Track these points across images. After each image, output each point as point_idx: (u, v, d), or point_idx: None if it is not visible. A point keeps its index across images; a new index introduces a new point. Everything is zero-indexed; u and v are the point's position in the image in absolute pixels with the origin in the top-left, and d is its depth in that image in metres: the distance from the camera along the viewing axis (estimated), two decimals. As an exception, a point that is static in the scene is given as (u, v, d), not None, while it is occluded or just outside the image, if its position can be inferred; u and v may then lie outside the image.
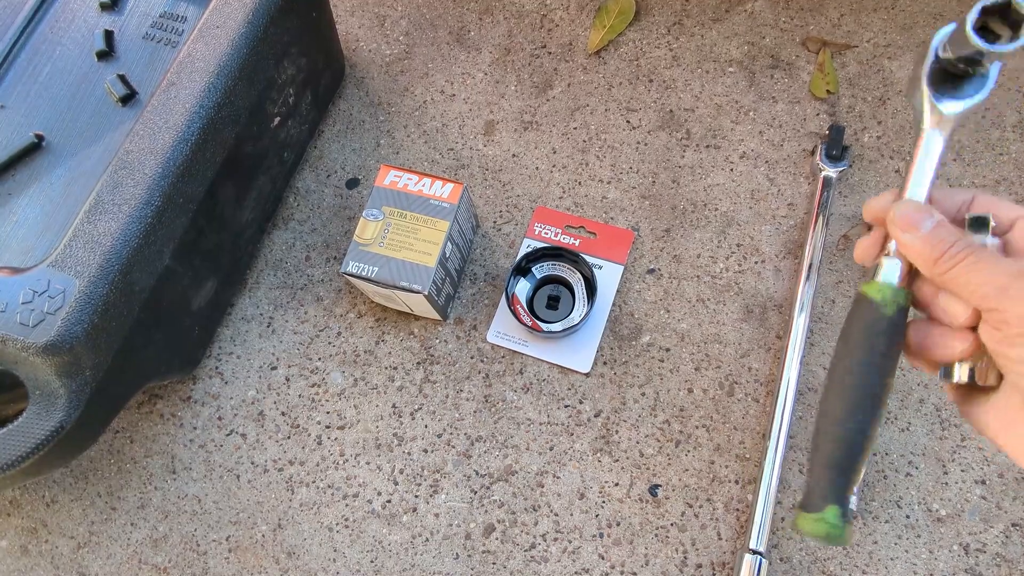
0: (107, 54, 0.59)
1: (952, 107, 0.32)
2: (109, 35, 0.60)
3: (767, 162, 0.66)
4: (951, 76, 0.32)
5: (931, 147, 0.33)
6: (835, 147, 0.63)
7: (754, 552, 0.52)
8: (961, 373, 0.32)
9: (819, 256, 0.61)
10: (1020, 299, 0.28)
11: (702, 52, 0.71)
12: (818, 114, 0.67)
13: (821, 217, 0.62)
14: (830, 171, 0.63)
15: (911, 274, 0.33)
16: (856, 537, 0.54)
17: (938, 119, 0.32)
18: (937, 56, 0.32)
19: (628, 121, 0.69)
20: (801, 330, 0.58)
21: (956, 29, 0.30)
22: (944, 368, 0.33)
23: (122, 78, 0.58)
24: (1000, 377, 0.31)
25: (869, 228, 0.63)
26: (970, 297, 0.30)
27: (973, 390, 0.32)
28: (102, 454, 0.62)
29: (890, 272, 0.33)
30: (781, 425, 0.55)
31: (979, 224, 0.32)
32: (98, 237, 0.47)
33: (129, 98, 0.57)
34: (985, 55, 0.29)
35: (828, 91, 0.68)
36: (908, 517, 0.54)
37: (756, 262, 0.63)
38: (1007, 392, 0.30)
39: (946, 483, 0.55)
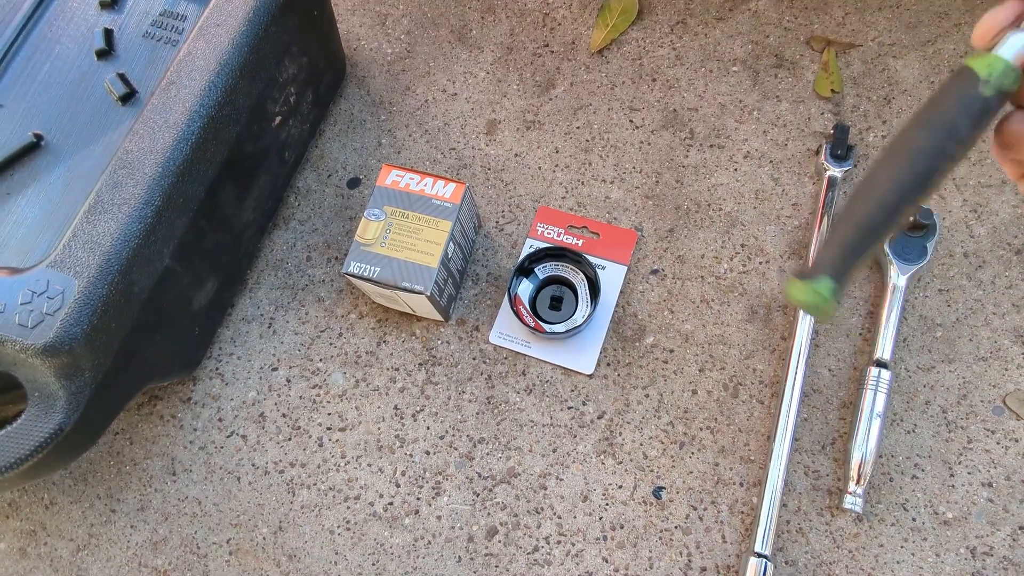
0: (107, 53, 0.59)
1: None
2: (109, 33, 0.59)
3: (771, 162, 0.66)
4: None
5: None
6: (840, 147, 0.63)
7: (759, 555, 0.52)
8: None
9: None
10: None
11: (706, 51, 0.71)
12: (823, 113, 0.67)
13: (826, 217, 0.61)
14: (835, 171, 0.63)
15: None
16: (861, 540, 0.54)
17: None
18: None
19: (631, 120, 0.69)
20: (806, 331, 0.58)
21: None
22: None
23: (122, 77, 0.57)
24: None
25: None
26: None
27: None
28: (102, 456, 0.62)
29: (1012, 47, 0.28)
30: (786, 427, 0.55)
31: None
32: (97, 237, 0.47)
33: (129, 97, 0.57)
34: None
35: (833, 90, 0.67)
36: (914, 520, 0.54)
37: (761, 262, 0.62)
38: None
39: (952, 486, 0.54)
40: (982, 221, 0.62)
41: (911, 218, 0.58)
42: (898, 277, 0.58)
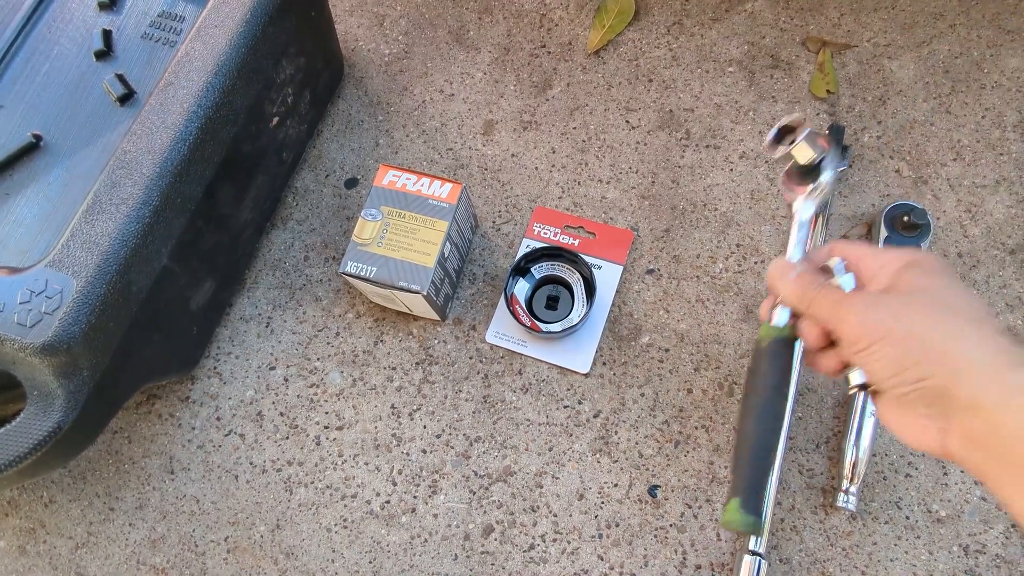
0: (105, 53, 0.59)
1: (799, 195, 0.44)
2: (107, 34, 0.60)
3: (767, 162, 0.66)
4: (803, 173, 0.44)
5: (799, 219, 0.44)
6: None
7: (753, 553, 0.52)
8: (853, 379, 0.38)
9: None
10: (845, 319, 0.36)
11: (702, 52, 0.71)
12: (818, 114, 0.67)
13: (820, 217, 0.62)
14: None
15: (795, 316, 0.41)
16: (855, 538, 0.54)
17: (794, 202, 0.44)
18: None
19: (627, 121, 0.69)
20: None
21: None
22: (846, 379, 0.39)
23: (120, 78, 0.58)
24: None
25: (869, 229, 0.63)
26: (822, 322, 0.38)
27: (873, 392, 0.38)
28: (100, 454, 0.62)
29: (779, 318, 0.41)
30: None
31: (834, 269, 0.40)
32: (96, 237, 0.47)
33: (127, 98, 0.57)
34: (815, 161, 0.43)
35: (828, 91, 0.68)
36: (908, 518, 0.54)
37: (756, 262, 0.63)
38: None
39: (946, 484, 0.55)
40: (976, 221, 0.62)
41: (905, 218, 0.58)
42: None
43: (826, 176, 0.43)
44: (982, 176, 0.63)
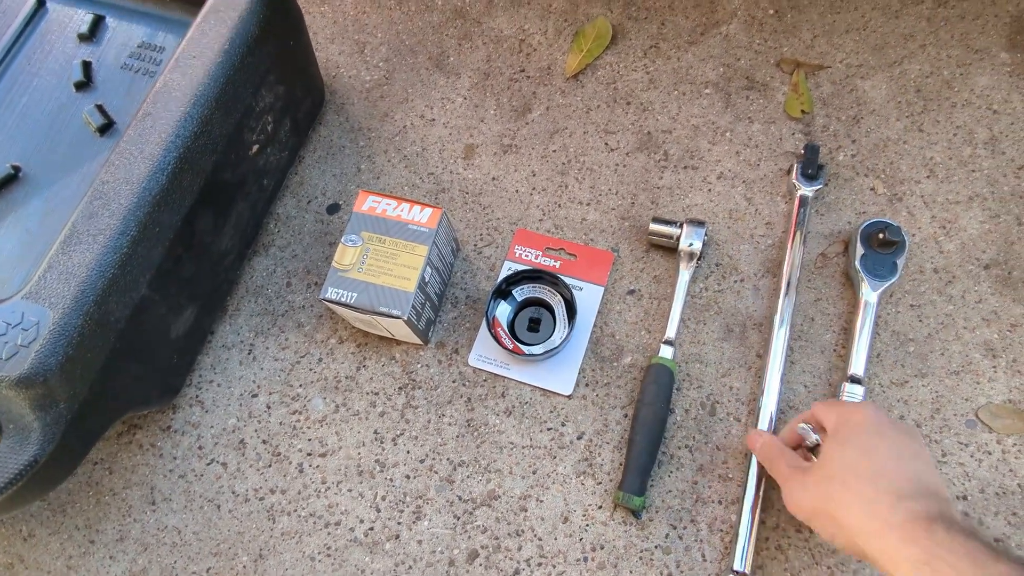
0: (85, 84, 0.60)
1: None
2: (87, 66, 0.60)
3: (744, 182, 0.67)
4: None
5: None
6: (810, 166, 0.64)
7: (738, 574, 0.52)
8: None
9: (797, 274, 0.61)
10: (784, 496, 0.47)
11: (678, 74, 0.72)
12: (793, 134, 0.68)
13: (798, 235, 0.62)
14: (806, 190, 0.64)
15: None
16: (840, 555, 0.54)
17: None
18: None
19: (606, 143, 0.70)
20: (781, 347, 0.59)
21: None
22: None
23: (100, 108, 0.58)
24: None
25: (845, 246, 0.63)
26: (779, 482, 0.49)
27: None
28: (80, 486, 0.62)
29: (665, 352, 0.60)
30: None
31: (805, 435, 0.50)
32: (73, 268, 0.47)
33: (107, 128, 0.58)
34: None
35: (803, 111, 0.69)
36: (891, 535, 0.54)
37: (735, 281, 0.63)
38: None
39: (928, 499, 0.55)
40: (951, 237, 0.63)
41: (881, 235, 0.59)
42: (869, 293, 0.59)
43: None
44: (955, 192, 0.64)
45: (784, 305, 0.60)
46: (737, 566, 0.52)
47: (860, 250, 0.60)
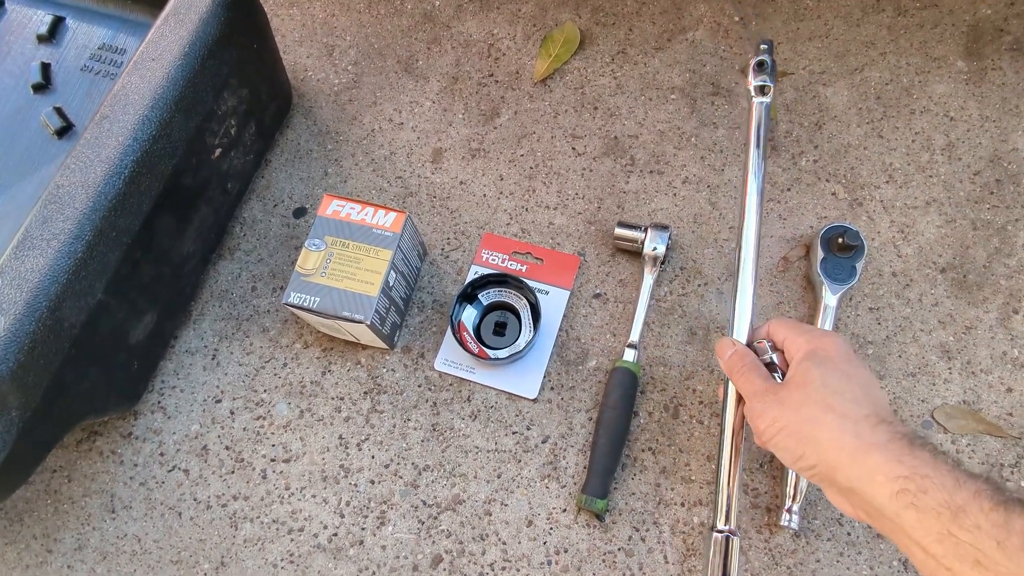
0: (43, 86, 0.59)
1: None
2: (46, 67, 0.59)
3: (709, 186, 0.68)
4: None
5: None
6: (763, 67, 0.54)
7: (721, 531, 0.49)
8: None
9: (760, 183, 0.55)
10: (752, 412, 0.45)
11: (645, 80, 0.73)
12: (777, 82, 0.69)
13: (758, 149, 0.55)
14: (759, 83, 0.54)
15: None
16: (799, 556, 0.54)
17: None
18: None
19: (574, 148, 0.70)
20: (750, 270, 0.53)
21: None
22: None
23: (59, 111, 0.57)
24: None
25: (807, 250, 0.64)
26: (744, 396, 0.47)
27: None
28: (38, 494, 0.60)
29: (628, 356, 0.61)
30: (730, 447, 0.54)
31: (762, 350, 0.49)
32: (25, 273, 0.46)
33: (66, 131, 0.57)
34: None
35: (767, 117, 0.70)
36: (849, 534, 0.55)
37: (699, 285, 0.64)
38: None
39: (885, 500, 0.56)
40: (908, 241, 0.64)
41: (840, 240, 0.60)
42: (829, 296, 0.60)
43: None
44: (913, 197, 0.66)
45: (751, 236, 0.54)
46: (721, 524, 0.50)
47: (820, 254, 0.61)
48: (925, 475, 0.35)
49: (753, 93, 0.55)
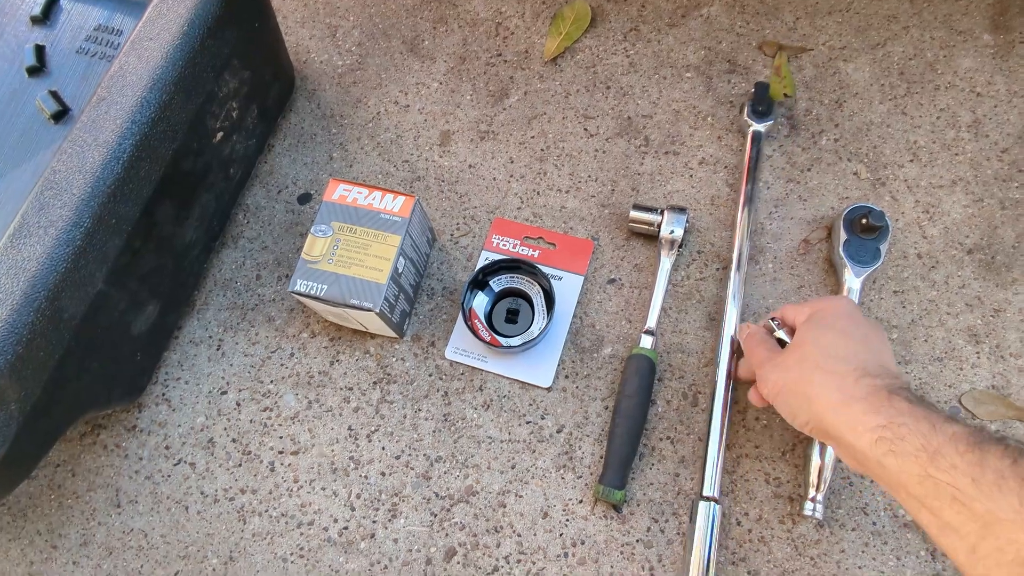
0: (38, 70, 0.57)
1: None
2: (40, 50, 0.57)
3: (726, 167, 0.65)
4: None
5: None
6: (761, 103, 0.64)
7: (707, 498, 0.53)
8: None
9: (753, 215, 0.62)
10: (759, 377, 0.48)
11: (659, 58, 0.71)
12: (777, 117, 0.67)
13: (752, 177, 0.62)
14: (758, 126, 0.64)
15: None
16: (823, 547, 0.53)
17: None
18: None
19: (586, 129, 0.68)
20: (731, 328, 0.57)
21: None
22: None
23: (54, 94, 0.55)
24: None
25: (829, 232, 0.62)
26: (754, 366, 0.51)
27: None
28: (42, 489, 0.59)
29: (645, 342, 0.59)
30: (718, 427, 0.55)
31: (774, 327, 0.52)
32: (22, 262, 0.45)
33: (62, 115, 0.55)
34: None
35: (785, 94, 0.68)
36: (875, 524, 0.53)
37: (717, 269, 0.62)
38: None
39: (912, 488, 0.54)
40: (934, 222, 0.62)
41: (863, 221, 0.58)
42: (853, 280, 0.58)
43: None
44: (939, 177, 0.63)
45: (742, 245, 0.60)
46: (707, 491, 0.53)
47: (843, 236, 0.59)
48: (902, 423, 0.38)
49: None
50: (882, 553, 0.53)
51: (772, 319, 0.52)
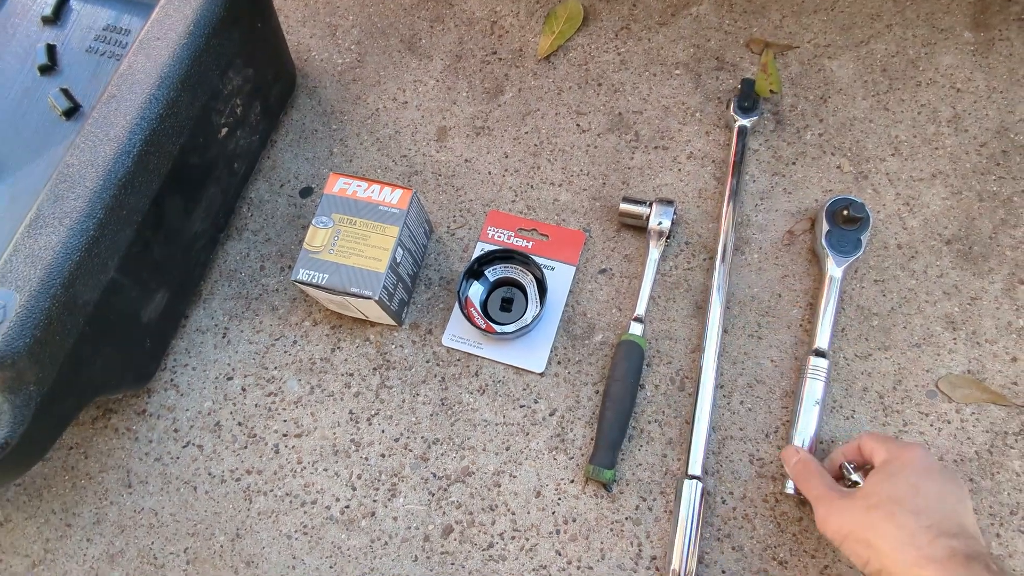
0: (50, 68, 0.59)
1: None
2: (51, 49, 0.60)
3: (713, 161, 0.68)
4: None
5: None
6: (746, 99, 0.67)
7: (693, 477, 0.55)
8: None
9: (739, 208, 0.64)
10: (818, 516, 0.48)
11: (649, 55, 0.73)
12: (763, 113, 0.69)
13: (738, 171, 0.65)
14: (743, 121, 0.67)
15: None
16: (804, 523, 0.55)
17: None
18: None
19: (578, 124, 0.70)
20: (716, 323, 0.61)
21: None
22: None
23: (65, 92, 0.58)
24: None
25: (812, 223, 0.64)
26: (810, 501, 0.50)
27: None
28: (56, 471, 0.62)
29: (635, 329, 0.61)
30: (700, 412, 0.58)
31: (848, 470, 0.51)
32: (39, 251, 0.47)
33: (73, 112, 0.57)
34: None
35: (772, 91, 0.70)
36: (854, 502, 0.56)
37: (704, 259, 0.64)
38: None
39: (889, 468, 0.56)
40: (914, 213, 0.64)
41: (845, 212, 0.60)
42: (834, 269, 0.60)
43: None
44: (919, 170, 0.66)
45: (728, 236, 0.62)
46: (693, 470, 0.55)
47: (825, 227, 0.61)
48: None
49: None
50: (860, 530, 0.55)
51: (848, 463, 0.51)
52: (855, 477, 0.50)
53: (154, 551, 0.59)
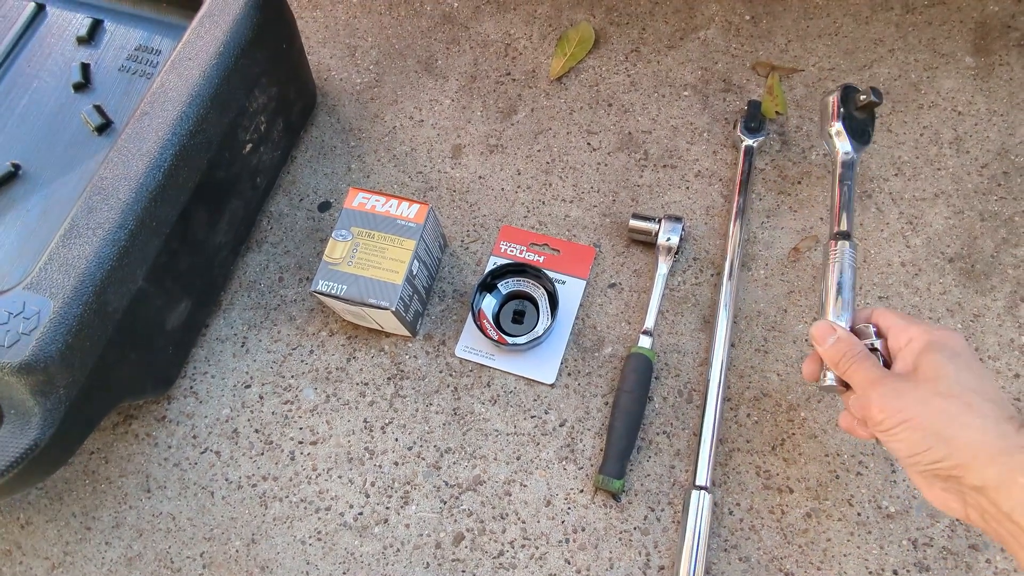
0: (83, 86, 0.62)
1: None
2: (86, 68, 0.62)
3: (721, 180, 0.70)
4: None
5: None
6: (753, 119, 0.69)
7: (700, 487, 0.56)
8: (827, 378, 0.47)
9: (746, 224, 0.66)
10: (873, 401, 0.41)
11: (658, 77, 0.75)
12: (768, 134, 0.71)
13: (744, 189, 0.67)
14: (750, 141, 0.69)
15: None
16: (810, 535, 0.56)
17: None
18: None
19: (589, 143, 0.73)
20: (723, 335, 0.62)
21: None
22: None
23: (98, 108, 0.60)
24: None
25: (816, 241, 0.66)
26: (853, 385, 0.44)
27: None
28: (77, 475, 0.63)
29: (644, 342, 0.62)
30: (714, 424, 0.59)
31: (866, 334, 0.45)
32: (72, 260, 0.49)
33: (105, 127, 0.60)
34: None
35: (777, 112, 0.72)
36: (859, 515, 0.56)
37: (712, 275, 0.66)
38: None
39: (894, 481, 0.57)
40: (917, 232, 0.66)
41: (861, 98, 0.56)
42: (849, 156, 0.56)
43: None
44: (922, 190, 0.67)
45: (735, 253, 0.64)
46: (700, 481, 0.56)
47: (840, 110, 0.56)
48: None
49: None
50: (866, 542, 0.56)
51: (869, 324, 0.46)
52: (876, 343, 0.45)
53: (171, 555, 0.60)
